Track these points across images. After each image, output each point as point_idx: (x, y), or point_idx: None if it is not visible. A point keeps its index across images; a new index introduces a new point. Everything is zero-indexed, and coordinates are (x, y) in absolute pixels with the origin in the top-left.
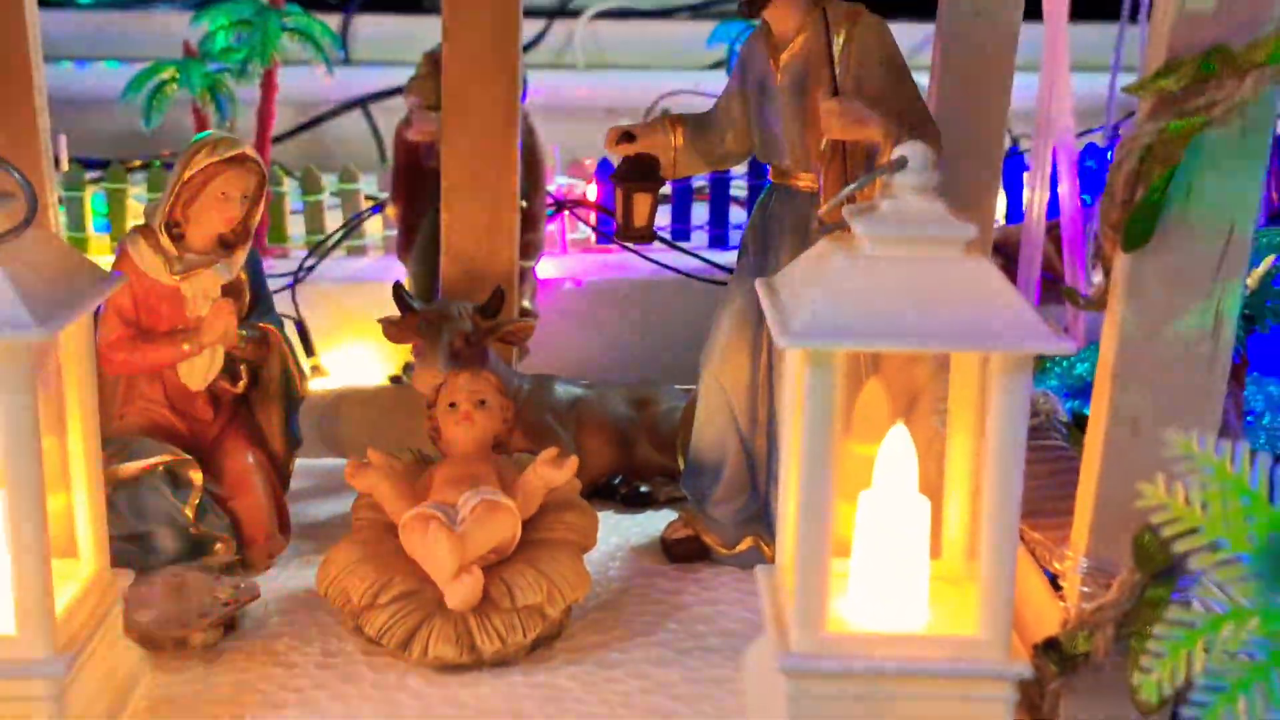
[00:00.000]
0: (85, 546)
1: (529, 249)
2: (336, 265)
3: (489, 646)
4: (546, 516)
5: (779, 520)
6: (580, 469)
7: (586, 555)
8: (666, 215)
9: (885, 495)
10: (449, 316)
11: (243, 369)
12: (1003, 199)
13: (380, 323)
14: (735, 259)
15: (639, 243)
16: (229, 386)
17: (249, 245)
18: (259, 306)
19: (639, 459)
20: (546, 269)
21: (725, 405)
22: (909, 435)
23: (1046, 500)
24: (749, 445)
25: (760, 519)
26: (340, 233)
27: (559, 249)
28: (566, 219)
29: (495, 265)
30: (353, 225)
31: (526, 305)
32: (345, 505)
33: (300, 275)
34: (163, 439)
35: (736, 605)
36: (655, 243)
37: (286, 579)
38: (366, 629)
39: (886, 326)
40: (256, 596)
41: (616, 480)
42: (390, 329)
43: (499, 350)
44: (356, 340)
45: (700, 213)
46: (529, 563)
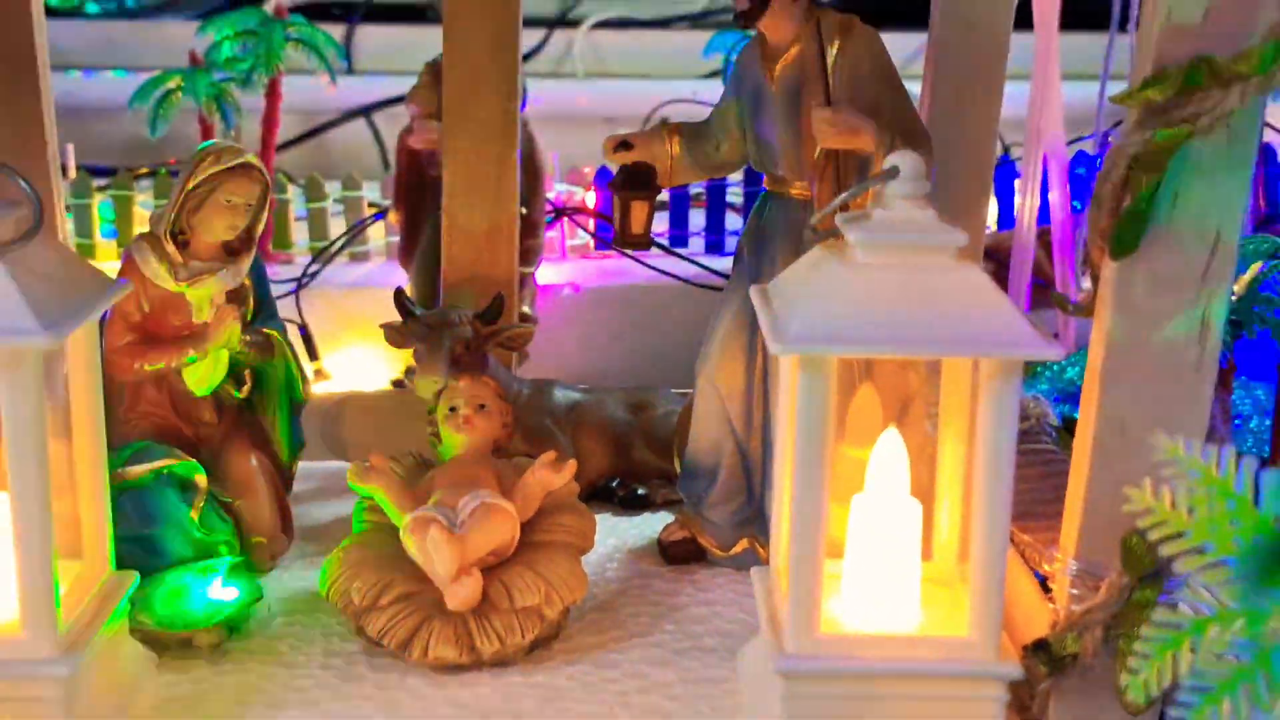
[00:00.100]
0: (91, 548)
1: (528, 255)
2: (339, 271)
3: (488, 647)
4: (545, 519)
5: (773, 523)
6: (578, 472)
7: (584, 557)
8: (664, 221)
9: (878, 498)
10: (449, 322)
11: (246, 373)
12: (994, 206)
13: (382, 328)
14: (731, 265)
15: (636, 249)
16: (233, 391)
17: (253, 252)
18: (263, 312)
19: (636, 462)
20: (546, 275)
21: (721, 409)
22: (901, 439)
23: (1036, 503)
24: (744, 448)
25: (755, 521)
26: (343, 239)
27: (558, 255)
28: (565, 225)
29: (495, 271)
30: (356, 232)
31: (526, 310)
32: (347, 508)
33: (304, 281)
34: (168, 443)
35: (732, 606)
36: (652, 249)
37: (289, 580)
38: (368, 630)
39: (879, 333)
40: None
41: (614, 483)
42: (392, 334)
43: (499, 355)
44: (359, 345)
45: (697, 219)
46: (527, 565)
